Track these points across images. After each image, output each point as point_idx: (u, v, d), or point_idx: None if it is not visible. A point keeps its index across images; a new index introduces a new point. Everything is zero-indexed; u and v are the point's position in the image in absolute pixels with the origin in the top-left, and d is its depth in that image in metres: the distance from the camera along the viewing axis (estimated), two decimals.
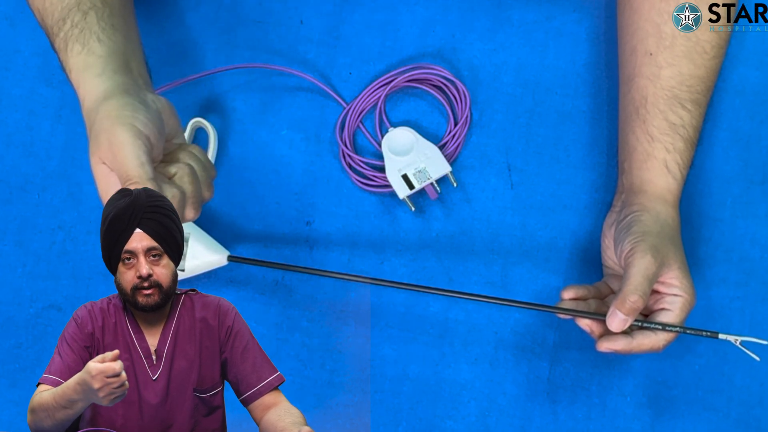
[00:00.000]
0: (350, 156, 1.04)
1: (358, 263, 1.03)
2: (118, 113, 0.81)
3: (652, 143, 0.95)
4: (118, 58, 0.88)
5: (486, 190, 1.03)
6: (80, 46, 0.88)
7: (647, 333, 0.90)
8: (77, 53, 0.88)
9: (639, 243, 0.89)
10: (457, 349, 1.01)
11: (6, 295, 1.05)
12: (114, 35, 0.89)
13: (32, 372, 1.03)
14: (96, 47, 0.88)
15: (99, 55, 0.87)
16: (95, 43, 0.88)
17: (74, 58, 0.88)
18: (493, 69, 1.05)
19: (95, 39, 0.88)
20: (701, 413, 0.99)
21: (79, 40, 0.88)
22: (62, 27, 0.90)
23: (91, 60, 0.87)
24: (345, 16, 1.07)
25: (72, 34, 0.89)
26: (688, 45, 0.95)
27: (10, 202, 1.06)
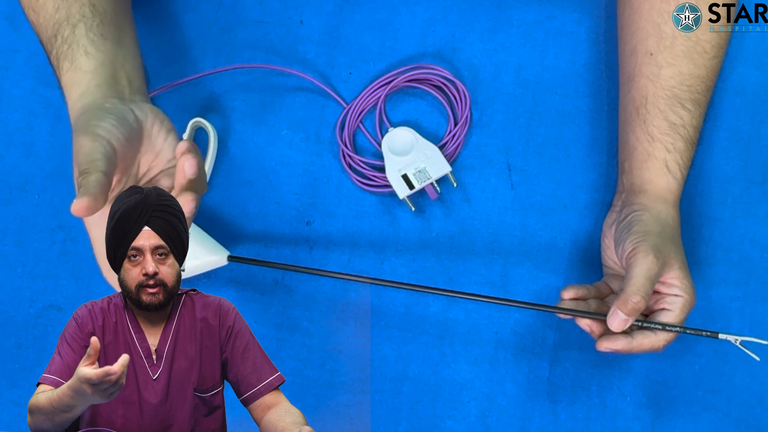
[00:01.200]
0: (350, 156, 1.04)
1: (358, 263, 1.03)
2: (83, 124, 0.81)
3: (653, 143, 0.95)
4: (105, 69, 0.88)
5: (486, 190, 1.04)
6: (68, 63, 0.88)
7: (647, 333, 0.90)
8: (66, 71, 0.88)
9: (641, 243, 0.89)
10: (457, 349, 1.01)
11: (6, 295, 1.05)
12: (103, 45, 0.89)
13: (32, 372, 1.03)
14: (83, 62, 0.88)
15: (85, 70, 0.87)
16: (82, 57, 0.88)
17: (64, 76, 0.89)
18: (493, 69, 1.05)
19: (82, 53, 0.88)
20: (701, 413, 0.99)
21: (67, 57, 0.89)
22: (54, 44, 0.90)
23: (77, 77, 0.87)
24: (345, 16, 1.07)
25: (62, 50, 0.89)
26: (688, 45, 0.95)
27: (10, 202, 1.06)
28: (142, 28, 1.07)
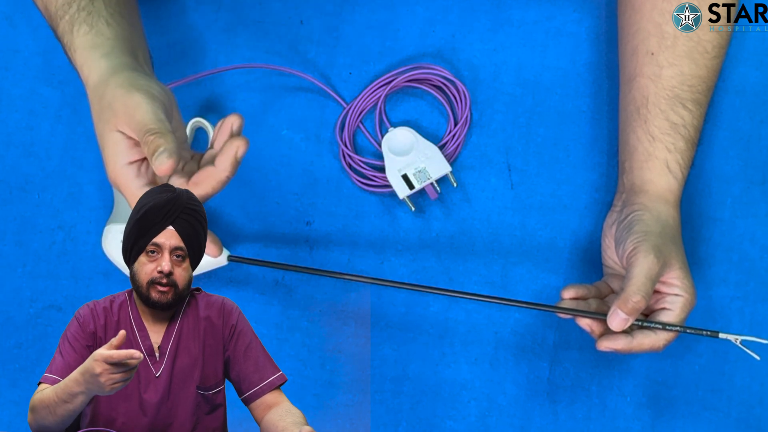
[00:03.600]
0: (350, 156, 1.04)
1: (358, 263, 1.03)
2: (131, 82, 0.82)
3: (653, 143, 0.95)
4: (125, 43, 0.88)
5: (486, 190, 1.04)
6: (87, 27, 0.88)
7: (647, 332, 0.90)
8: (84, 33, 0.88)
9: (641, 243, 0.89)
10: (457, 349, 1.01)
11: (6, 295, 1.05)
12: (122, 22, 0.89)
13: (32, 372, 1.03)
14: (104, 29, 0.88)
15: (107, 36, 0.87)
16: (104, 26, 0.88)
17: (81, 37, 0.88)
18: (493, 69, 1.05)
19: (104, 22, 0.88)
20: (701, 413, 0.99)
21: (86, 21, 0.88)
22: (68, 10, 0.90)
23: (100, 40, 0.87)
24: (345, 16, 1.07)
25: (79, 16, 0.89)
26: (689, 45, 0.95)
27: (10, 202, 1.06)
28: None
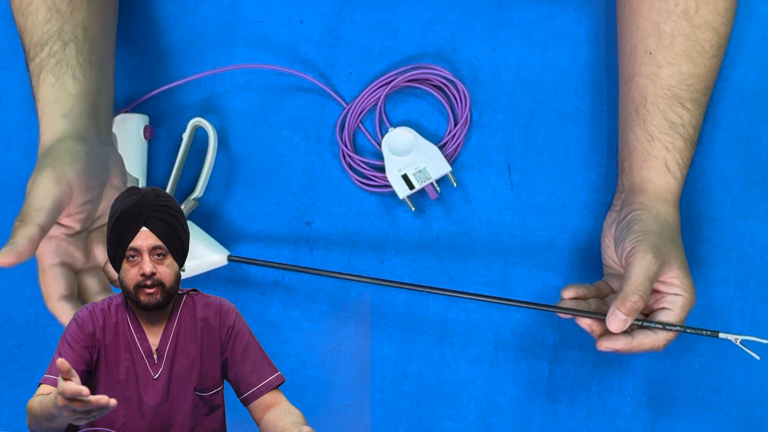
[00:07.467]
0: (350, 156, 1.04)
1: (358, 263, 1.03)
2: (57, 156, 0.84)
3: (652, 142, 0.95)
4: (87, 99, 0.90)
5: (486, 190, 1.04)
6: (54, 78, 0.90)
7: (647, 332, 0.90)
8: (50, 84, 0.90)
9: (640, 242, 0.89)
10: (457, 349, 1.01)
11: (6, 295, 1.05)
12: (90, 73, 0.91)
13: (32, 372, 1.03)
14: (69, 84, 0.90)
15: (71, 93, 0.89)
16: (69, 80, 0.90)
17: (45, 89, 0.90)
18: (493, 69, 1.05)
19: (70, 75, 0.90)
20: (701, 413, 0.99)
21: (53, 72, 0.90)
22: (39, 53, 0.91)
23: (62, 96, 0.89)
24: (345, 16, 1.07)
25: (48, 63, 0.90)
26: (687, 44, 0.95)
27: (10, 202, 1.06)
28: (142, 29, 1.07)
